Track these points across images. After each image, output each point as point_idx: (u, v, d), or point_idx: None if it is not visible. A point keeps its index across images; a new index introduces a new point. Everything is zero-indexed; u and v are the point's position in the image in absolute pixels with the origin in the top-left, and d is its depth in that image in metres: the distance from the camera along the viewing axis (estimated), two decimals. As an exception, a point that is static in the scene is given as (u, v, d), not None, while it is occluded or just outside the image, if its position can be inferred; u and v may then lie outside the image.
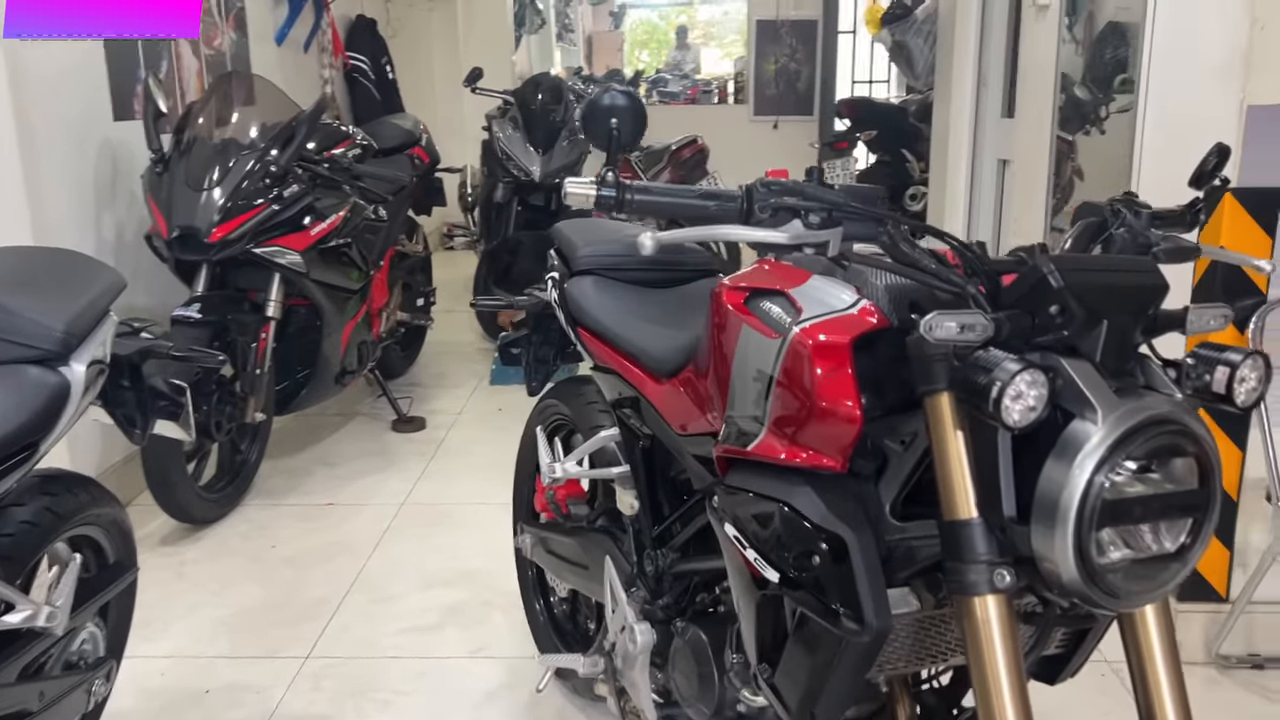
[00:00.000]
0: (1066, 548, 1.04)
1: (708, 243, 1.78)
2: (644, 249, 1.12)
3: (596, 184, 1.16)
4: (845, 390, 1.21)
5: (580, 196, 1.16)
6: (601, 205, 1.16)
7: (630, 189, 1.16)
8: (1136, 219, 1.34)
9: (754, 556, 1.26)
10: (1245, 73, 2.19)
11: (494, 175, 5.36)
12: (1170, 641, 1.19)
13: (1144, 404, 1.06)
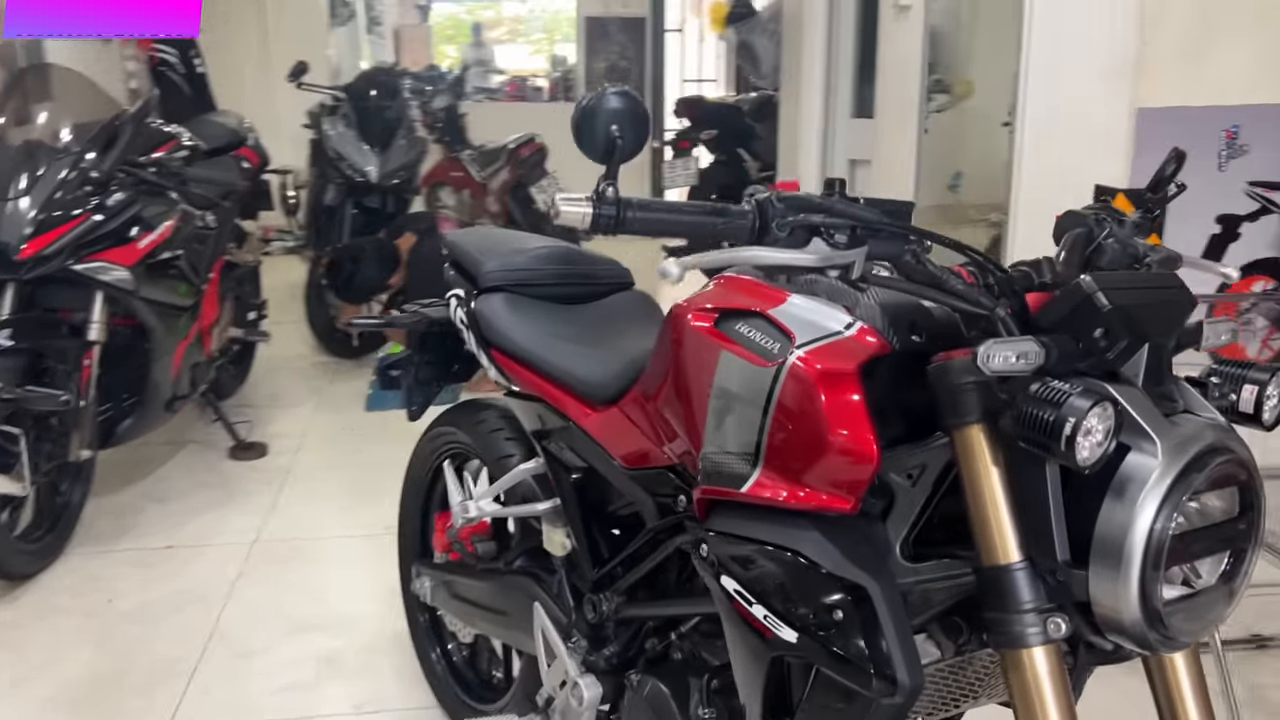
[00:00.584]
0: (1131, 591, 0.96)
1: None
2: (669, 277, 0.97)
3: (593, 202, 1.00)
4: (859, 423, 1.09)
5: (575, 215, 1.00)
6: (599, 226, 1.00)
7: (631, 206, 1.00)
8: (1120, 228, 1.29)
9: (763, 614, 1.13)
10: (1135, 77, 2.22)
11: (325, 176, 5.03)
12: (1200, 680, 1.14)
13: (1197, 432, 0.99)
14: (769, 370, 1.16)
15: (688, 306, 1.35)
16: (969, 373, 1.03)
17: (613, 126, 1.01)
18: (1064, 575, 0.99)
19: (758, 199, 1.03)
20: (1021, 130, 2.64)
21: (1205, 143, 2.26)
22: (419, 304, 2.21)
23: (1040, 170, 2.61)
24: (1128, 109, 2.24)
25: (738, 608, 1.17)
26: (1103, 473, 0.97)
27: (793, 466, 1.14)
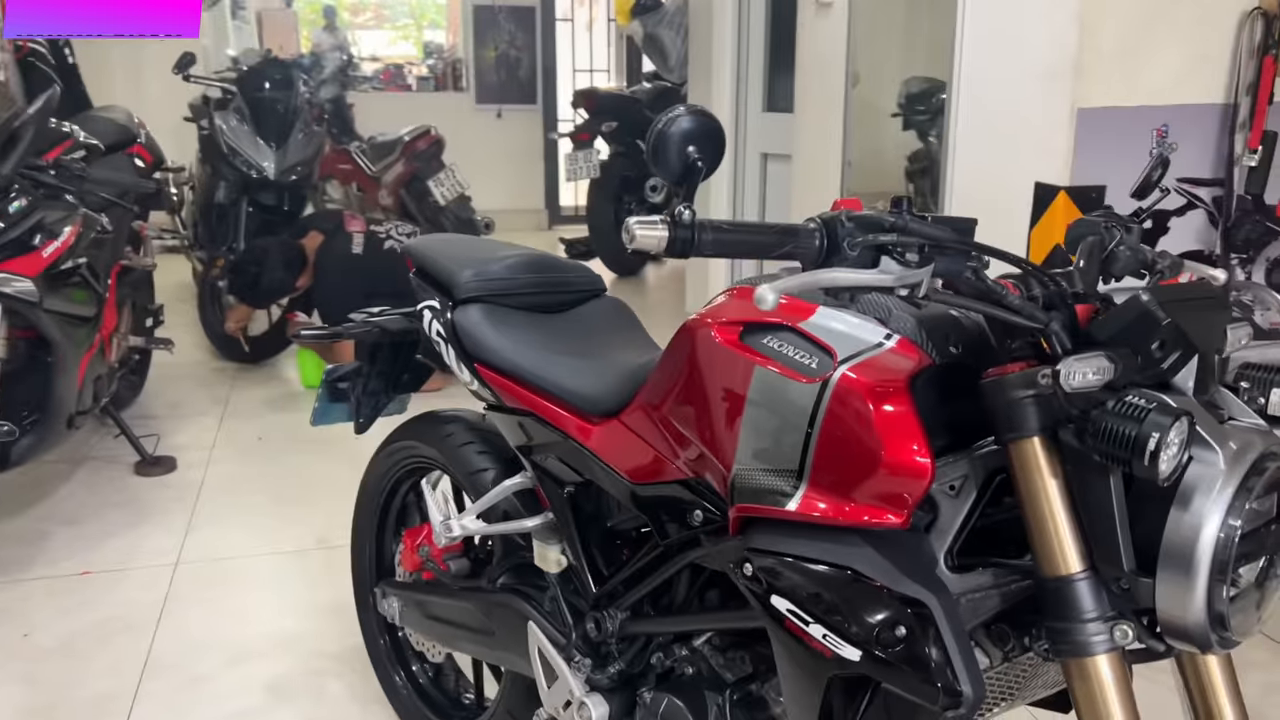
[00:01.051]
0: (1199, 595, 0.98)
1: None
2: (764, 305, 0.94)
3: (670, 225, 0.96)
4: (913, 437, 1.09)
5: (651, 239, 0.96)
6: (675, 250, 0.97)
7: (706, 229, 0.98)
8: (1128, 235, 1.32)
9: (822, 633, 1.12)
10: (1075, 78, 2.30)
11: (217, 173, 4.80)
12: (1232, 675, 1.18)
13: (1251, 439, 1.02)
14: (813, 386, 1.15)
15: (707, 320, 1.33)
16: (1028, 386, 1.04)
17: (690, 147, 0.98)
18: (1129, 583, 1.01)
19: (824, 218, 1.02)
20: (953, 127, 2.70)
21: (1138, 141, 2.36)
22: (368, 313, 2.13)
23: (973, 167, 2.68)
24: (1068, 109, 2.32)
25: (791, 627, 1.16)
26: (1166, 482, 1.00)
27: (843, 483, 1.14)
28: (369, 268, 4.26)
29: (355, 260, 4.27)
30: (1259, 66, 2.31)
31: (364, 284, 4.18)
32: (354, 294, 4.13)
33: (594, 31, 8.38)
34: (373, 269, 4.25)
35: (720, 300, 1.37)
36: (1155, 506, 1.01)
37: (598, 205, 6.58)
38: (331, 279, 4.31)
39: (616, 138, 6.49)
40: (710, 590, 1.48)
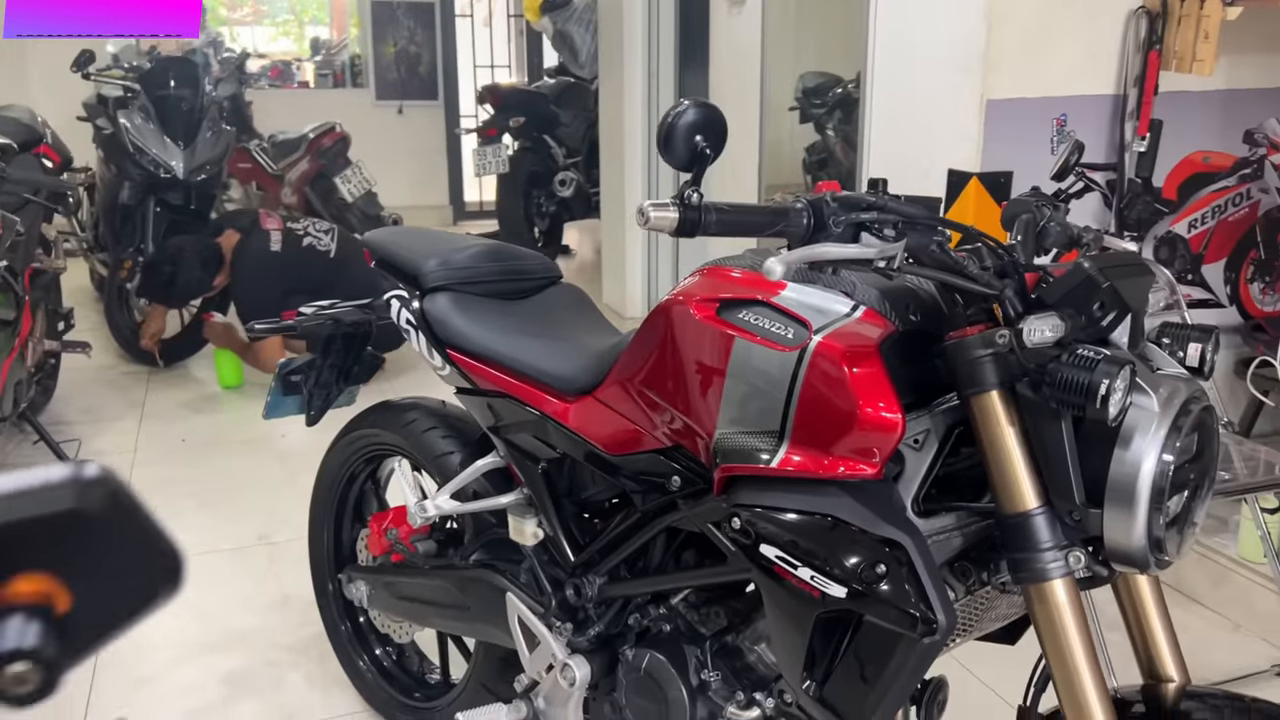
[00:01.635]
0: (1140, 522, 1.13)
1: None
2: (773, 274, 1.05)
3: (679, 207, 1.06)
4: (885, 396, 1.22)
5: (664, 220, 1.06)
6: (684, 229, 1.07)
7: (710, 210, 1.08)
8: (1056, 213, 1.47)
9: (809, 575, 1.23)
10: (984, 71, 2.47)
11: (123, 173, 4.70)
12: (1160, 594, 1.34)
13: (1178, 385, 1.17)
14: (791, 355, 1.27)
15: (682, 298, 1.43)
16: (987, 346, 1.18)
17: (697, 137, 1.08)
18: (1080, 515, 1.16)
19: (811, 199, 1.13)
20: (868, 118, 2.86)
21: (1040, 130, 2.55)
22: (318, 306, 2.17)
23: (888, 155, 2.84)
24: (977, 100, 2.49)
25: (780, 572, 1.27)
26: (1107, 425, 1.14)
27: (821, 440, 1.25)
28: (288, 265, 4.23)
29: (274, 258, 4.24)
30: (1144, 61, 2.52)
31: (283, 281, 4.16)
32: (272, 291, 4.11)
33: (493, 26, 8.39)
34: (291, 266, 4.23)
35: (693, 281, 1.47)
36: (1100, 447, 1.15)
37: (507, 200, 6.62)
38: (249, 278, 4.27)
39: (523, 133, 6.54)
40: (685, 551, 1.58)
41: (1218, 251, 2.89)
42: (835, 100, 4.39)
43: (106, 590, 0.38)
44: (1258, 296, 2.98)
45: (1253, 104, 2.78)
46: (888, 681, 1.23)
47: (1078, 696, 1.16)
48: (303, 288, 3.99)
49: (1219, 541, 2.76)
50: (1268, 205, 2.90)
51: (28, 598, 0.36)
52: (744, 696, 1.48)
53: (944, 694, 1.54)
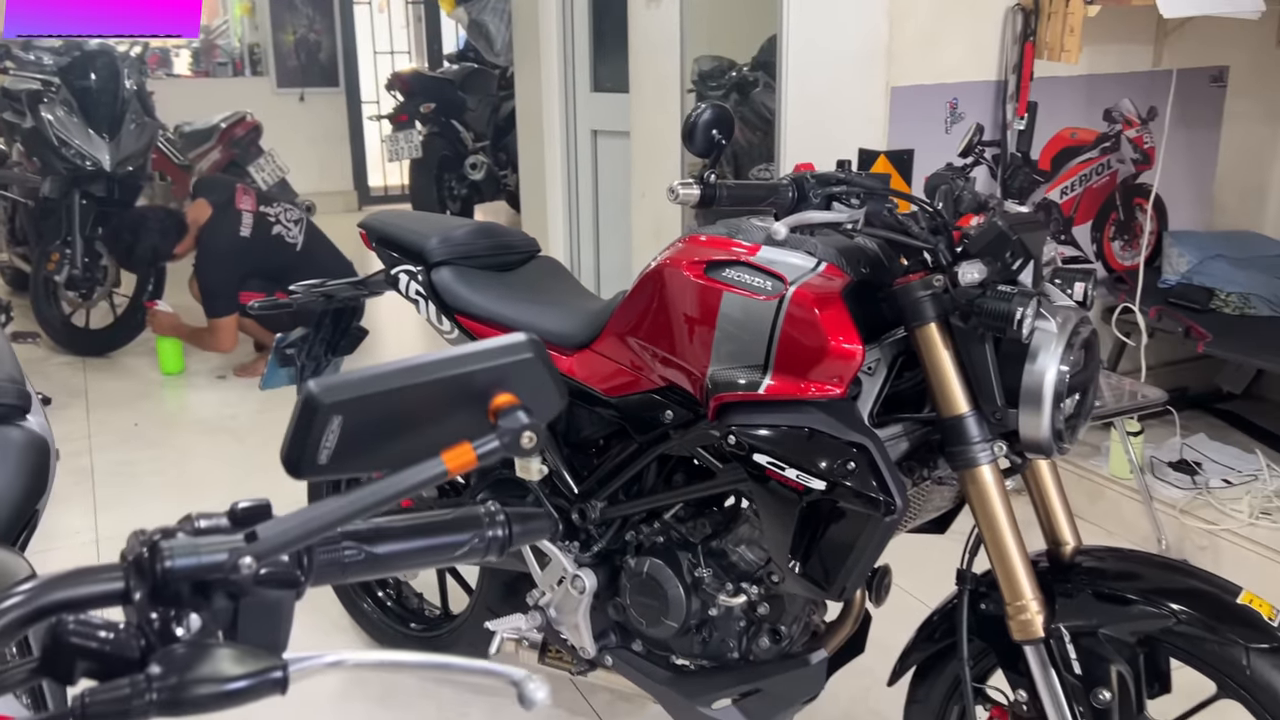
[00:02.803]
0: (1046, 418, 1.49)
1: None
2: (778, 235, 1.37)
3: (701, 185, 1.37)
4: (848, 331, 1.55)
5: (690, 195, 1.37)
6: (705, 202, 1.38)
7: (723, 188, 1.39)
8: (967, 183, 1.82)
9: (795, 474, 1.56)
10: (887, 60, 2.83)
11: (47, 167, 4.74)
12: (1058, 479, 1.71)
13: (1070, 313, 1.53)
14: (771, 303, 1.59)
15: (673, 262, 1.74)
16: (927, 288, 1.52)
17: (714, 131, 1.38)
18: (1001, 415, 1.51)
19: (794, 177, 1.45)
20: (784, 105, 3.20)
21: (936, 112, 2.93)
22: (307, 285, 2.41)
23: (804, 136, 3.19)
24: (883, 87, 2.85)
25: (771, 474, 1.59)
26: (1018, 346, 1.49)
27: (798, 369, 1.58)
28: (253, 252, 4.28)
29: (240, 243, 4.27)
30: (1021, 51, 2.92)
31: (244, 267, 4.28)
32: (233, 275, 4.26)
33: (391, 13, 8.48)
34: (256, 254, 4.28)
35: (677, 248, 1.78)
36: (1015, 363, 1.50)
37: (420, 184, 6.80)
38: (214, 258, 4.34)
39: (433, 118, 6.71)
40: (675, 474, 1.90)
41: (1085, 214, 3.33)
42: (731, 83, 4.72)
43: (540, 401, 0.65)
44: (1119, 253, 3.44)
45: (1111, 87, 3.22)
46: (857, 555, 1.57)
47: (1004, 553, 1.52)
48: (263, 274, 4.15)
49: (1093, 464, 3.20)
50: (1124, 174, 3.36)
51: (508, 402, 0.63)
52: (732, 587, 1.81)
53: (888, 579, 1.90)
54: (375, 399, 0.60)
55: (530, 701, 0.64)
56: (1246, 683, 1.42)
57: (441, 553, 0.67)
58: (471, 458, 0.61)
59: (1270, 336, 3.09)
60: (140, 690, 0.56)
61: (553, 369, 0.68)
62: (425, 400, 0.61)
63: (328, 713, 2.33)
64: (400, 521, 0.68)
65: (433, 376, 0.61)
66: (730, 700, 1.85)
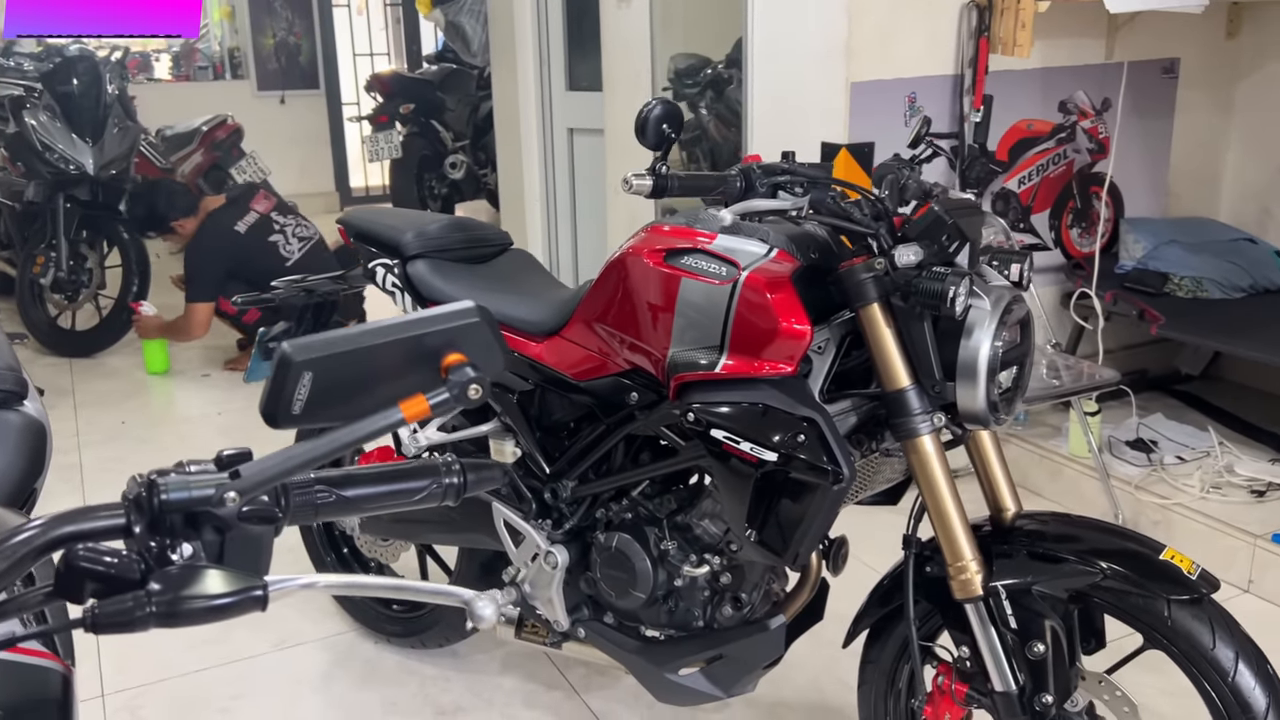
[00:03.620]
0: (981, 390, 1.59)
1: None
2: (723, 222, 1.47)
3: (654, 176, 1.47)
4: (797, 313, 1.65)
5: (643, 186, 1.47)
6: (657, 192, 1.47)
7: (674, 179, 1.49)
8: (913, 173, 1.92)
9: (749, 447, 1.66)
10: (847, 57, 2.94)
11: (32, 171, 4.81)
12: (999, 448, 1.81)
13: (1003, 292, 1.63)
14: (726, 287, 1.69)
15: (635, 251, 1.84)
16: (869, 271, 1.62)
17: (664, 125, 1.48)
18: (940, 388, 1.61)
19: (742, 168, 1.55)
20: (750, 100, 3.31)
21: (895, 106, 3.03)
22: (291, 280, 2.50)
23: (769, 131, 3.30)
24: (843, 82, 2.96)
25: (727, 449, 1.69)
26: (954, 323, 1.59)
27: (751, 349, 1.68)
28: (242, 249, 4.38)
29: (232, 235, 4.37)
30: (976, 45, 3.03)
31: (229, 261, 4.36)
32: (216, 264, 4.34)
33: (370, 14, 8.56)
34: (244, 253, 4.37)
35: (640, 237, 1.88)
36: (951, 339, 1.60)
37: (401, 184, 6.88)
38: (204, 242, 4.44)
39: (412, 119, 6.79)
40: (641, 453, 1.99)
41: (1043, 203, 3.44)
42: (706, 81, 4.81)
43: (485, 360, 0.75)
44: (1077, 240, 3.55)
45: (1065, 79, 3.34)
46: (809, 522, 1.67)
47: (944, 517, 1.62)
48: (246, 277, 4.23)
49: (1054, 444, 3.32)
50: (1080, 163, 3.47)
51: (457, 360, 0.73)
52: (695, 558, 1.91)
53: (845, 549, 2.00)
54: (341, 357, 0.69)
55: (479, 618, 0.73)
56: (1168, 633, 1.53)
57: (403, 496, 0.76)
58: (425, 407, 0.70)
59: (1221, 318, 3.21)
60: (141, 603, 0.67)
61: (497, 332, 0.77)
62: (386, 359, 0.71)
63: (314, 691, 2.41)
64: (366, 469, 0.77)
65: (391, 337, 0.71)
66: (697, 667, 1.95)
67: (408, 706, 2.35)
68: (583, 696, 2.38)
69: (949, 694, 1.71)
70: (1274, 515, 2.83)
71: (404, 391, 0.70)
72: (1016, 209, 3.38)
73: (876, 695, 1.86)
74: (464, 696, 2.39)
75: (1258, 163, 3.71)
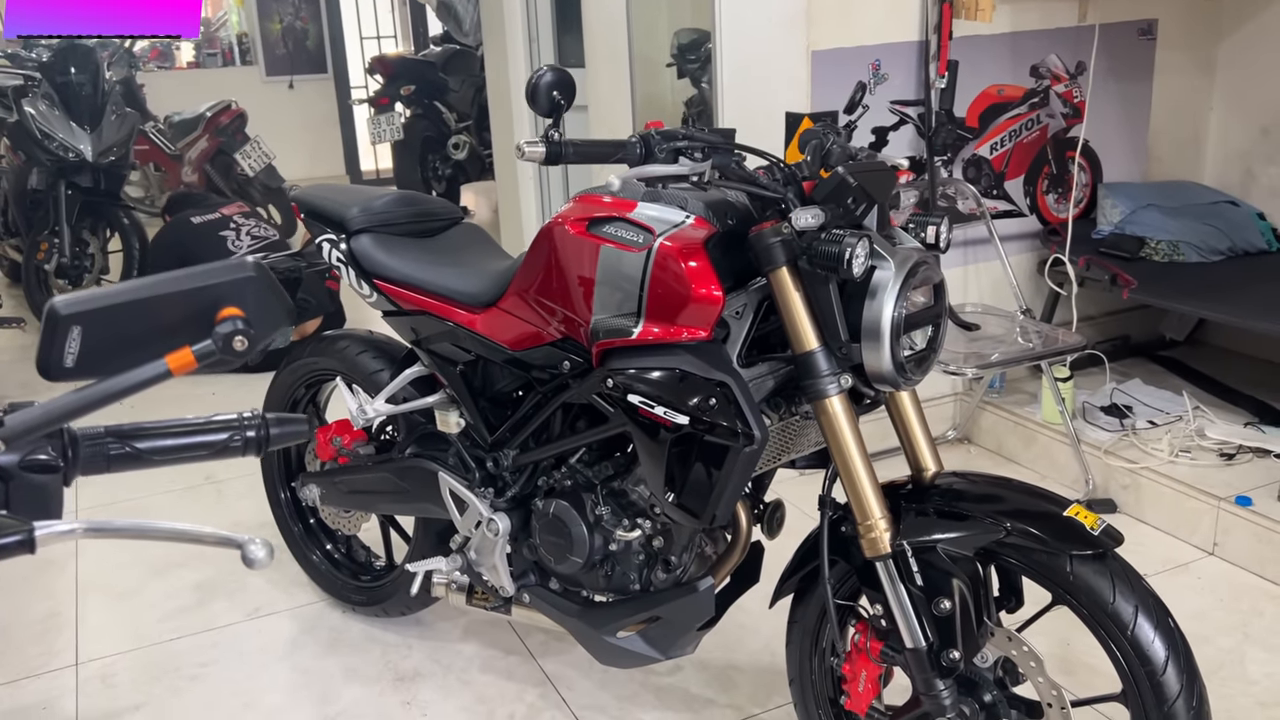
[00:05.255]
0: (886, 352, 1.60)
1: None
2: (613, 187, 1.49)
3: (546, 143, 1.49)
4: (709, 279, 1.67)
5: (535, 153, 1.49)
6: (550, 159, 1.50)
7: (569, 145, 1.51)
8: (839, 137, 1.93)
9: (663, 411, 1.69)
10: (808, 26, 2.93)
11: (32, 159, 4.91)
12: (919, 408, 1.83)
13: (910, 253, 1.65)
14: (641, 254, 1.71)
15: (561, 220, 1.87)
16: (777, 235, 1.63)
17: (554, 93, 1.50)
18: (846, 349, 1.62)
19: (642, 134, 1.57)
20: (719, 70, 3.31)
21: (858, 74, 3.02)
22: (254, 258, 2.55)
23: (738, 102, 3.30)
24: (804, 51, 2.95)
25: (642, 412, 1.72)
26: (860, 285, 1.61)
27: (666, 314, 1.70)
28: (191, 240, 4.55)
29: (188, 226, 4.55)
30: (940, 11, 3.01)
31: (180, 248, 4.51)
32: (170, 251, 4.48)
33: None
34: (193, 243, 4.54)
35: (568, 206, 1.91)
36: (856, 300, 1.62)
37: (404, 165, 6.93)
38: (166, 226, 4.62)
39: (414, 100, 6.84)
40: (578, 421, 2.03)
41: (1017, 169, 3.42)
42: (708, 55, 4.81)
43: (262, 316, 0.78)
44: (1053, 206, 3.53)
45: (1036, 43, 3.31)
46: (723, 483, 1.69)
47: (853, 477, 1.64)
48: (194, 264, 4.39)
49: (1028, 411, 3.32)
50: (1055, 128, 3.44)
51: (229, 314, 0.76)
52: (628, 523, 1.94)
53: (781, 513, 2.03)
54: (110, 311, 0.73)
55: (251, 560, 0.77)
56: (1071, 588, 1.55)
57: (200, 449, 0.80)
58: (190, 359, 0.74)
59: (1195, 282, 3.18)
60: None
61: (276, 289, 0.80)
62: (161, 314, 0.74)
63: (279, 659, 2.48)
64: (161, 422, 0.80)
65: (161, 291, 0.74)
66: (634, 630, 1.98)
67: (368, 673, 2.41)
68: (538, 661, 2.43)
69: (865, 651, 1.73)
70: (1241, 478, 2.81)
71: (178, 346, 0.73)
72: (989, 175, 3.36)
73: (802, 655, 1.89)
74: (424, 663, 2.44)
75: (1241, 124, 3.66)
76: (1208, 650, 2.28)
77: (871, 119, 3.10)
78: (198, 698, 2.34)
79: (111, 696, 2.36)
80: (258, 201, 6.51)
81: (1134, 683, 1.52)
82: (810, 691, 1.90)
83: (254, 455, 0.83)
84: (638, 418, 1.74)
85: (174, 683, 2.40)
